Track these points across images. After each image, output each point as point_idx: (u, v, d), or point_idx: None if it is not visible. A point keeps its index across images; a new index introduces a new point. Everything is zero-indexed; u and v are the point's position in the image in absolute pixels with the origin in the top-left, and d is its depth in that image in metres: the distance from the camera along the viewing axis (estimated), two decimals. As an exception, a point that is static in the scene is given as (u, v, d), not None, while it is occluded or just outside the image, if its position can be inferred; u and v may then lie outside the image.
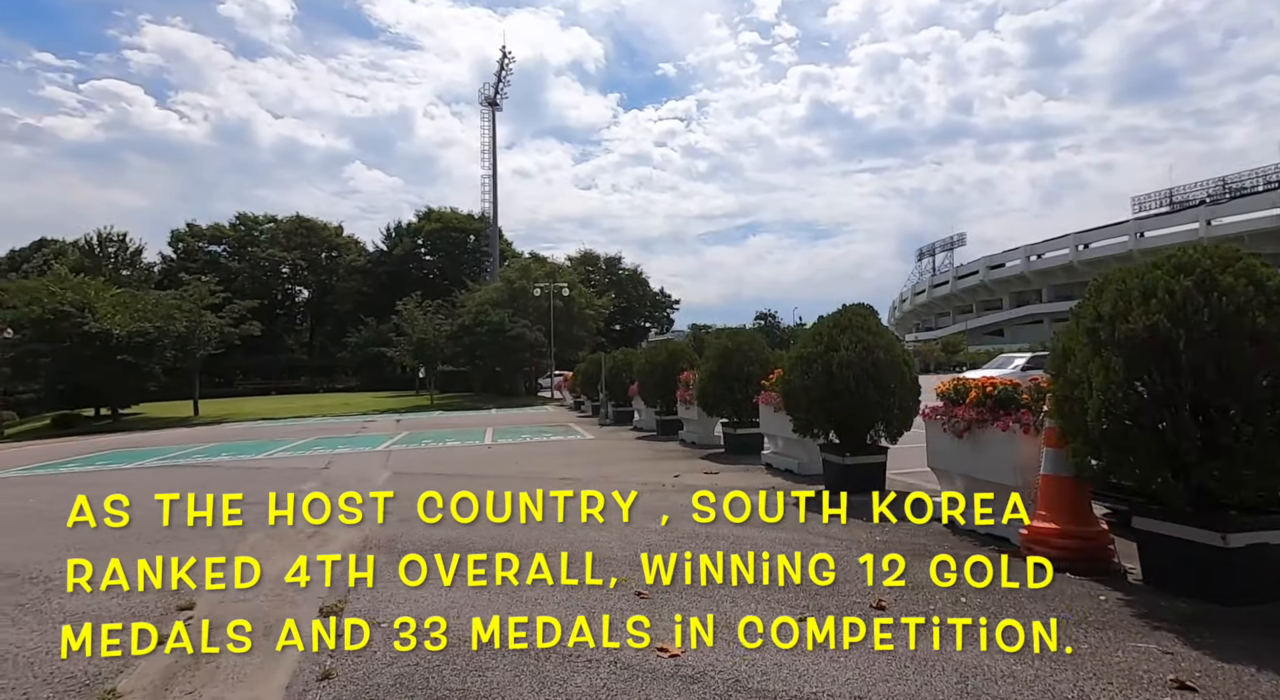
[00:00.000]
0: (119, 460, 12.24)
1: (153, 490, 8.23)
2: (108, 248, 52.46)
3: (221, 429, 22.02)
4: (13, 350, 26.29)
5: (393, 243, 65.62)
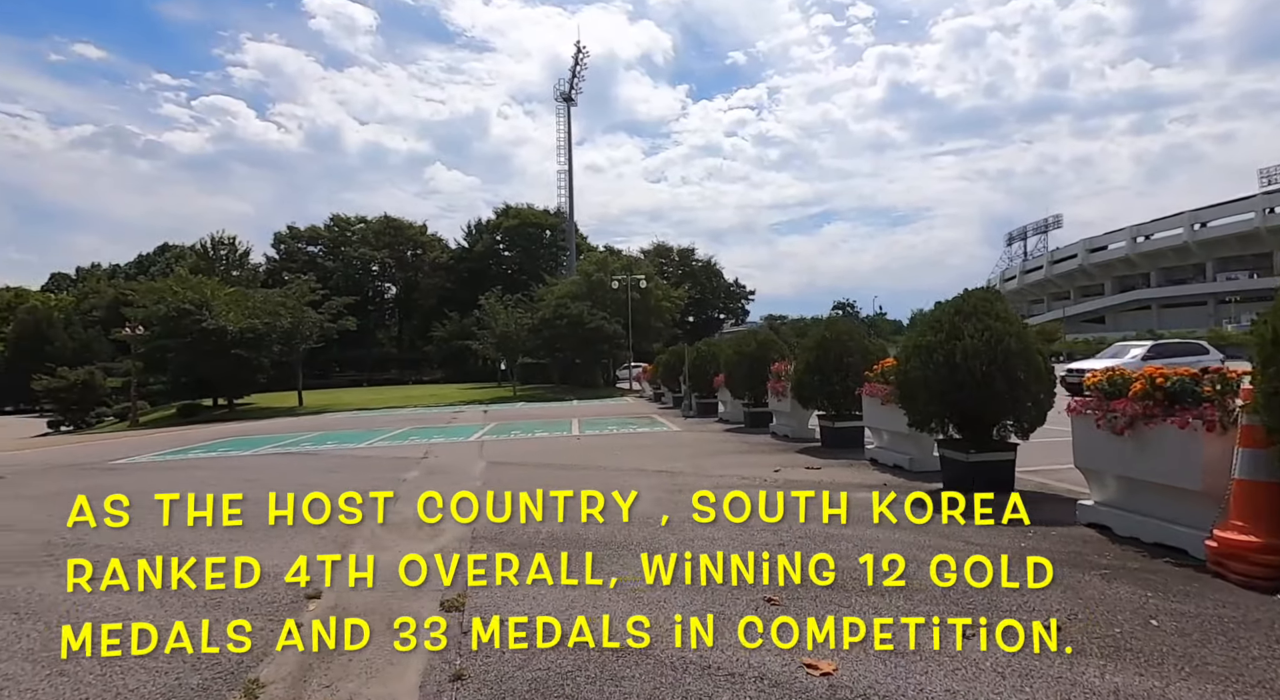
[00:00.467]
0: (238, 447, 13.09)
1: (271, 476, 8.71)
2: (220, 250, 56.84)
3: (324, 419, 23.34)
4: (145, 346, 28.92)
5: (473, 239, 67.73)
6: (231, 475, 9.25)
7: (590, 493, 6.45)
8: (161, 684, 2.82)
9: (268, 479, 8.89)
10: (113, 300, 62.21)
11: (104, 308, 61.87)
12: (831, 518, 5.19)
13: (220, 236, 57.02)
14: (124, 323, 32.18)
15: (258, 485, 8.26)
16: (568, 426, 14.61)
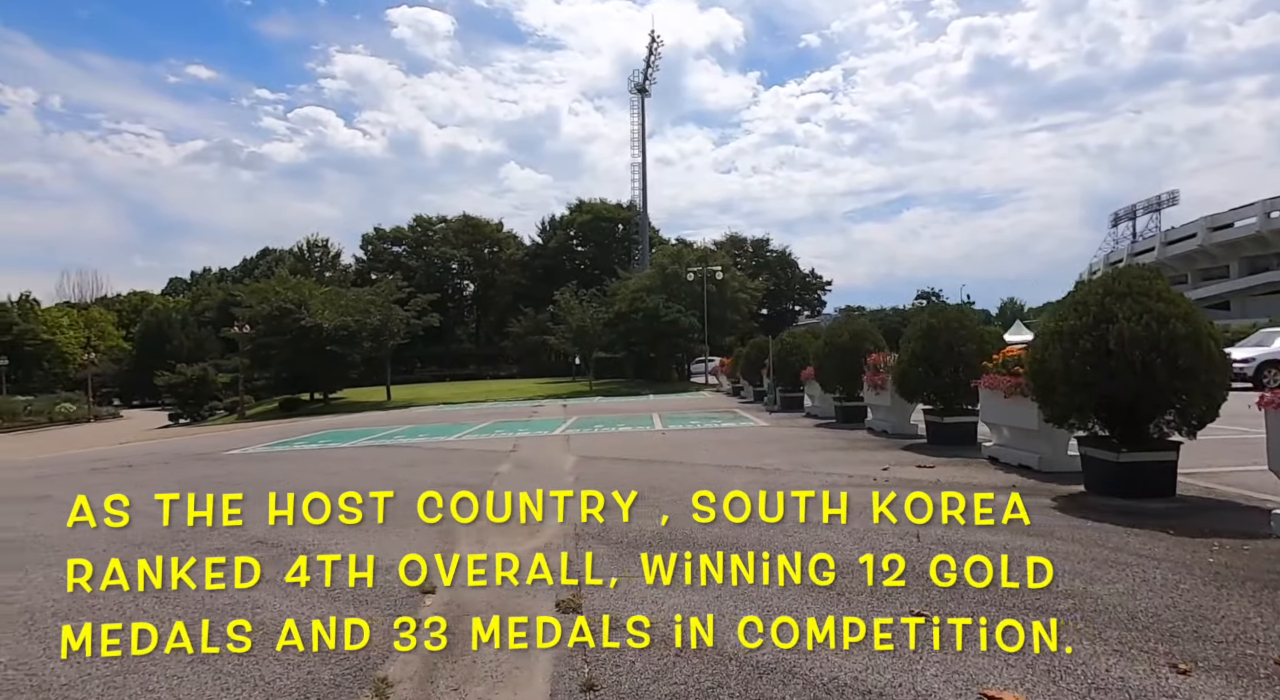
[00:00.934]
0: (337, 439, 13.68)
1: (367, 468, 8.97)
2: (314, 253, 60.33)
3: (412, 412, 24.23)
4: (250, 343, 31.01)
5: (547, 236, 68.92)
6: (331, 466, 9.59)
7: (691, 491, 6.24)
8: (295, 677, 2.79)
9: (365, 471, 9.14)
10: (222, 302, 67.25)
11: (214, 309, 66.98)
12: (959, 521, 4.74)
13: (315, 239, 60.57)
14: (232, 322, 34.78)
15: (355, 477, 8.50)
16: (649, 421, 14.46)
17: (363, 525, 5.53)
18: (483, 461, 9.18)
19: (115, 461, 11.43)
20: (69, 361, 66.21)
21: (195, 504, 6.94)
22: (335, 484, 7.72)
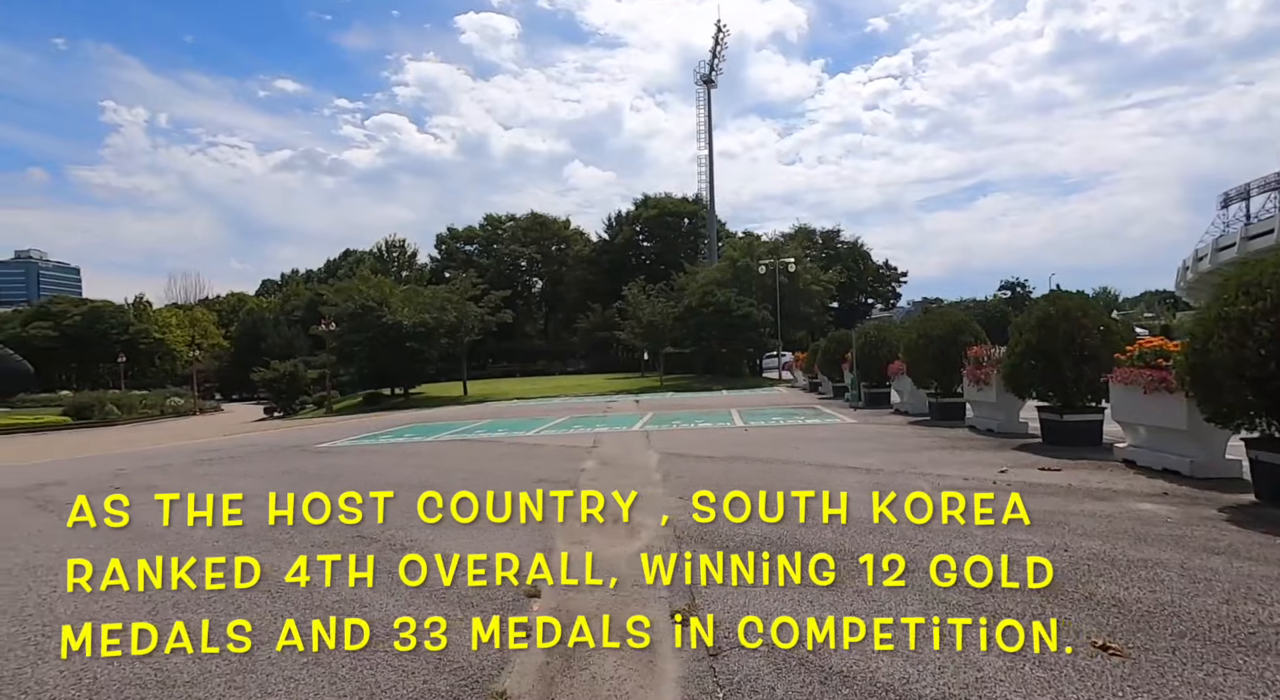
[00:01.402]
0: (421, 433, 14.00)
1: (460, 464, 9.05)
2: (393, 253, 62.79)
3: (488, 407, 24.72)
4: (336, 340, 32.54)
5: (614, 232, 69.20)
6: (422, 461, 9.73)
7: (790, 491, 5.89)
8: (411, 686, 2.66)
9: (453, 467, 9.20)
10: (309, 301, 71.12)
11: (302, 308, 70.92)
12: (1112, 534, 4.22)
13: (393, 240, 63.07)
14: (319, 321, 36.64)
15: (444, 473, 8.55)
16: (728, 418, 14.10)
17: (459, 523, 5.49)
18: (566, 458, 9.10)
19: (223, 453, 12.05)
20: (177, 358, 71.73)
21: (299, 498, 7.14)
22: (426, 479, 7.79)
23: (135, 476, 9.53)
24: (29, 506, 7.42)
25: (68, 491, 8.34)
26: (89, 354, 71.15)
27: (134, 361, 67.12)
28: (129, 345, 69.11)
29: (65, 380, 66.98)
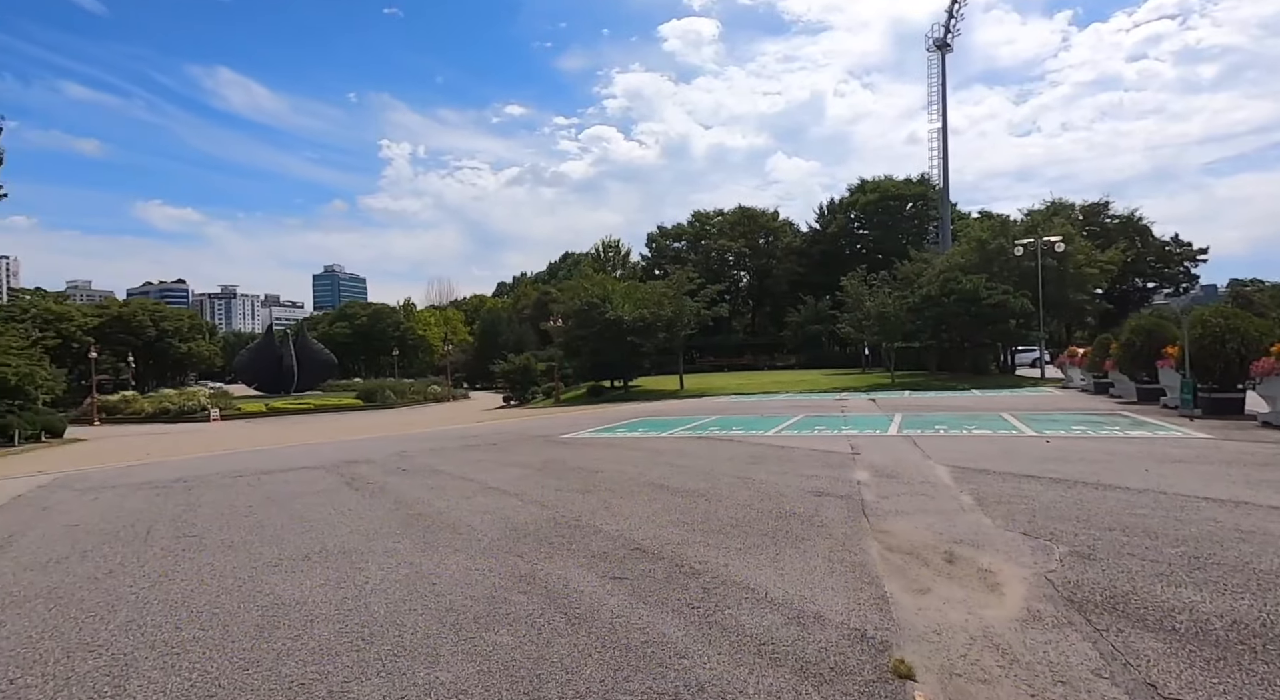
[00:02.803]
0: (655, 428, 13.82)
1: (710, 465, 8.40)
2: (608, 253, 66.19)
3: (708, 402, 24.35)
4: (563, 335, 34.80)
5: (825, 221, 65.56)
6: (671, 458, 9.28)
7: (1200, 539, 4.19)
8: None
9: (705, 469, 8.55)
10: (536, 300, 78.13)
11: (530, 307, 78.12)
12: None
13: (608, 241, 66.47)
14: (546, 317, 39.58)
15: (700, 475, 7.93)
16: (1004, 423, 11.82)
17: (748, 542, 4.72)
18: (826, 464, 8.00)
19: (483, 440, 12.95)
20: (434, 352, 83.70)
21: (564, 491, 6.97)
22: (685, 482, 7.23)
23: (417, 458, 10.43)
24: (339, 483, 8.28)
25: (370, 470, 9.29)
26: (372, 348, 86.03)
27: (404, 354, 79.63)
28: (400, 341, 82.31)
29: (356, 369, 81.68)
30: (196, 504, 7.36)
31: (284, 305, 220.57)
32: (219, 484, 8.83)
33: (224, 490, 8.23)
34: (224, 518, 6.48)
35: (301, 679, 2.90)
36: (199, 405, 41.72)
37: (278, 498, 7.40)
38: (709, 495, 6.45)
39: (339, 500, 7.14)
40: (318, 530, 5.74)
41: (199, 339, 76.84)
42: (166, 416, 40.13)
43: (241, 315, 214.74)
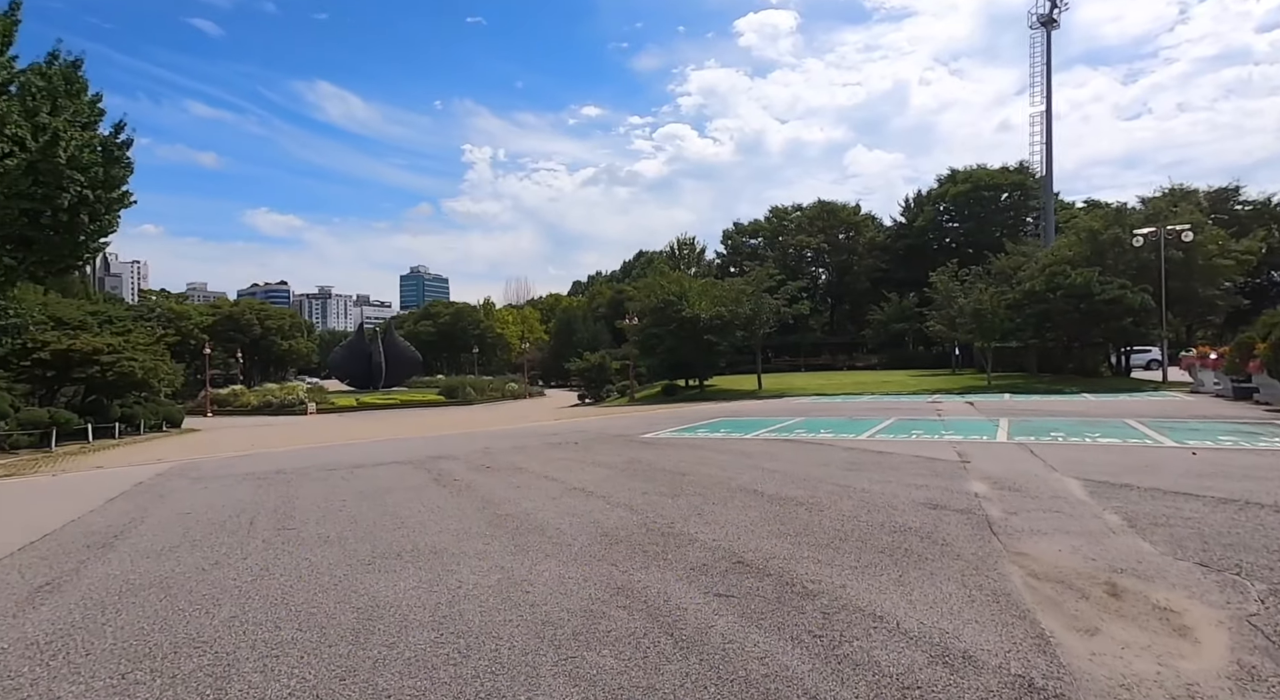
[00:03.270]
0: (738, 429, 13.37)
1: (807, 471, 7.91)
2: (683, 251, 65.78)
3: (790, 403, 23.58)
4: (638, 333, 34.72)
5: (912, 214, 62.65)
6: (761, 461, 8.84)
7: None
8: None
9: (801, 476, 8.06)
10: (610, 299, 78.74)
11: (605, 305, 78.84)
12: None
13: (683, 239, 66.06)
14: (620, 316, 39.66)
15: (797, 481, 7.46)
16: (1131, 431, 10.65)
17: (864, 559, 4.26)
18: (934, 473, 7.35)
19: (564, 438, 12.90)
20: (511, 350, 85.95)
21: (655, 501, 6.68)
22: (781, 488, 6.79)
23: (500, 455, 10.46)
24: (427, 480, 8.34)
25: (455, 467, 9.35)
26: (454, 346, 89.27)
27: (483, 352, 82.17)
28: (480, 339, 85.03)
29: (439, 366, 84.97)
30: (295, 496, 7.57)
31: (373, 305, 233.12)
32: (315, 476, 9.11)
33: (319, 483, 8.46)
34: (320, 511, 6.59)
35: (398, 695, 2.73)
36: (297, 399, 44.47)
37: (370, 493, 7.51)
38: (808, 504, 6.00)
39: (428, 497, 7.15)
40: (409, 527, 5.70)
41: (298, 337, 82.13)
42: (269, 409, 43.01)
43: (335, 314, 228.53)
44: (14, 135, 13.35)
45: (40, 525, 6.70)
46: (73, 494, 8.92)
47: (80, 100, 15.11)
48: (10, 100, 13.87)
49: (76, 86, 15.12)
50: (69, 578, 4.54)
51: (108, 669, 3.08)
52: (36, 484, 10.85)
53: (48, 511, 7.53)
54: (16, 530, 6.55)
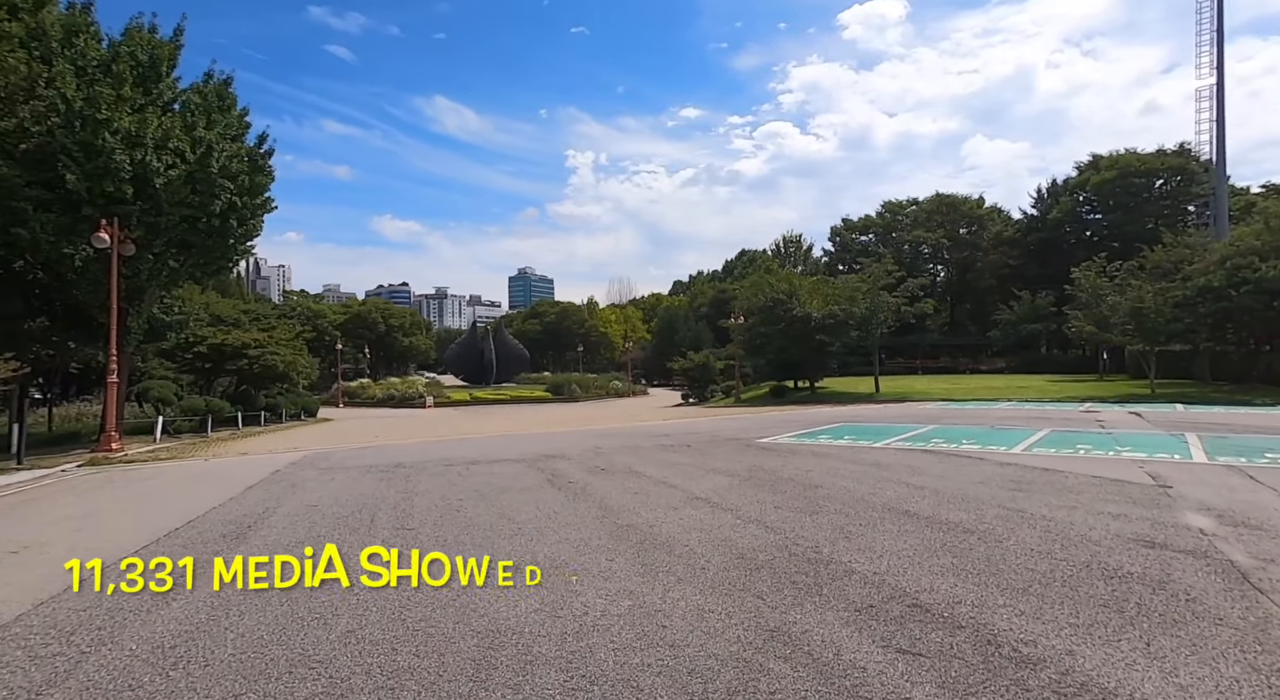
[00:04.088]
0: (864, 436, 12.28)
1: (962, 489, 6.86)
2: (789, 248, 63.61)
3: (914, 408, 21.82)
4: (745, 332, 33.66)
5: (1045, 205, 57.05)
6: (905, 476, 7.86)
7: None
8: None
9: (960, 496, 7.05)
10: (712, 299, 77.67)
11: (707, 304, 77.86)
12: None
13: (789, 236, 63.91)
14: (724, 315, 38.66)
15: (965, 505, 6.48)
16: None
17: (1076, 610, 3.31)
18: (1128, 499, 6.11)
19: (676, 441, 12.38)
20: (614, 348, 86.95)
21: (790, 519, 5.96)
22: (939, 510, 5.85)
23: (612, 456, 10.08)
24: (541, 480, 8.07)
25: (568, 468, 9.06)
26: (559, 344, 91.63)
27: (587, 350, 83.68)
28: (584, 337, 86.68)
29: (545, 364, 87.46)
30: (414, 492, 7.51)
31: (484, 304, 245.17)
32: (433, 471, 9.12)
33: (437, 479, 8.42)
34: (438, 511, 6.42)
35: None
36: (416, 393, 47.05)
37: (485, 492, 7.30)
38: (979, 532, 5.07)
39: (543, 500, 6.83)
40: (526, 534, 5.35)
41: (417, 334, 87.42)
42: (391, 402, 45.79)
43: (450, 313, 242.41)
44: (176, 148, 14.66)
45: (188, 510, 7.02)
46: (219, 481, 9.45)
47: (230, 115, 16.45)
48: (174, 117, 15.25)
49: (227, 102, 16.49)
50: (201, 571, 4.51)
51: (222, 687, 2.85)
52: (192, 469, 11.72)
53: (196, 498, 7.93)
54: (170, 514, 6.88)
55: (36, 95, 13.81)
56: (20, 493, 9.47)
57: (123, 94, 14.29)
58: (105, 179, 13.81)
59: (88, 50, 14.43)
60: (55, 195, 13.85)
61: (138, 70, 15.09)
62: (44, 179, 13.64)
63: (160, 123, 14.66)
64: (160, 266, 16.42)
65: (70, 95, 13.53)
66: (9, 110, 13.61)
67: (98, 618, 3.72)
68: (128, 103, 14.38)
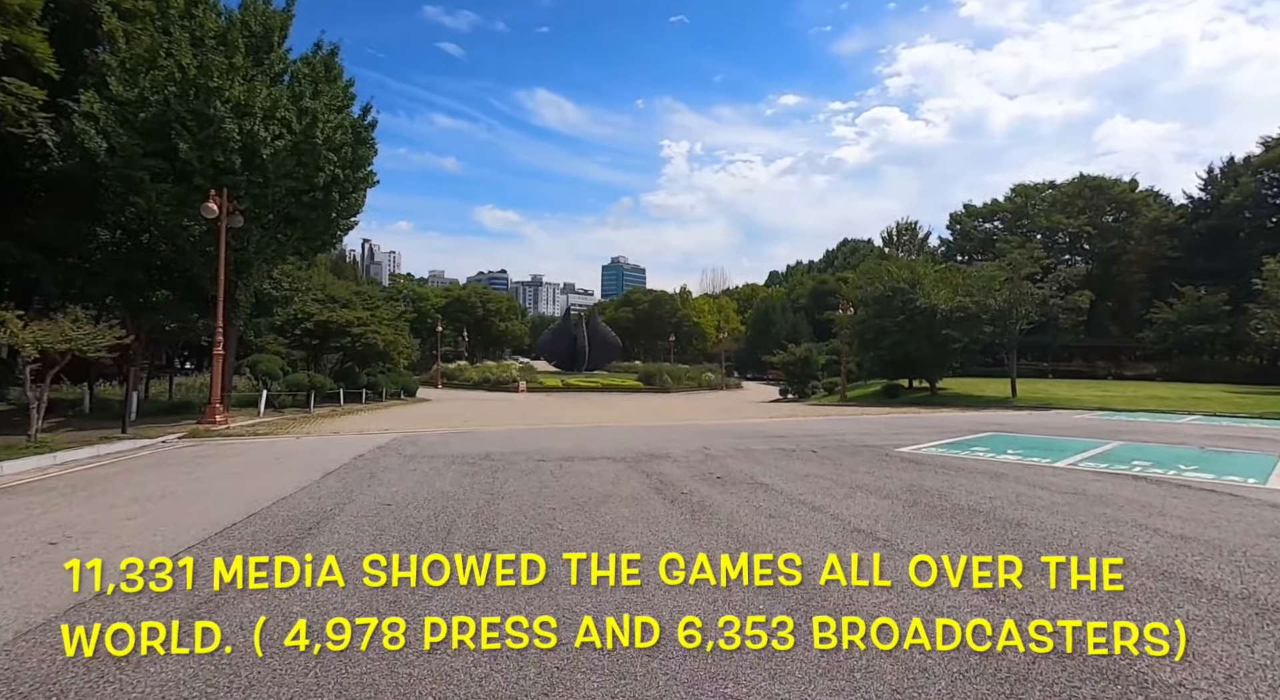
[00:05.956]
0: (1028, 450, 10.07)
1: (1230, 534, 4.82)
2: (901, 237, 59.17)
3: (1068, 418, 18.86)
4: (856, 325, 30.97)
5: (1219, 188, 49.48)
6: (1109, 511, 5.85)
7: None
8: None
9: (1212, 542, 5.00)
10: (811, 290, 74.01)
11: (806, 296, 74.29)
12: None
13: (903, 223, 59.41)
14: (824, 308, 35.93)
15: (1216, 554, 4.48)
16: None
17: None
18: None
19: (796, 444, 10.69)
20: (707, 339, 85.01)
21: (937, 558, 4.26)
22: (1211, 573, 3.90)
23: (725, 461, 8.58)
24: (647, 488, 6.69)
25: (676, 472, 7.64)
26: (651, 332, 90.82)
27: (678, 340, 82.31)
28: (676, 326, 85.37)
29: (636, 352, 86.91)
30: (500, 494, 6.35)
31: (578, 292, 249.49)
32: (523, 467, 7.99)
33: (527, 477, 7.25)
34: (527, 523, 5.18)
35: None
36: (510, 377, 47.48)
37: (583, 501, 6.01)
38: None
39: (651, 514, 5.45)
40: (641, 571, 3.94)
41: (513, 320, 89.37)
42: (486, 384, 46.45)
43: (545, 301, 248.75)
44: (283, 118, 14.46)
45: (257, 498, 6.25)
46: (300, 464, 8.80)
47: (336, 85, 16.23)
48: (281, 88, 15.09)
49: (334, 72, 16.27)
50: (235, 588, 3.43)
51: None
52: (280, 447, 11.32)
53: (269, 484, 7.20)
54: (236, 503, 6.11)
55: (157, 66, 13.94)
56: (113, 464, 9.24)
57: (235, 63, 14.23)
58: (215, 148, 13.80)
59: (205, 21, 14.47)
60: (170, 165, 14.00)
61: (251, 40, 15.04)
62: (159, 149, 13.80)
63: (270, 92, 14.51)
64: (267, 240, 16.50)
65: (186, 63, 13.56)
66: (132, 81, 13.83)
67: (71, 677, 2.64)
68: (239, 72, 14.31)
